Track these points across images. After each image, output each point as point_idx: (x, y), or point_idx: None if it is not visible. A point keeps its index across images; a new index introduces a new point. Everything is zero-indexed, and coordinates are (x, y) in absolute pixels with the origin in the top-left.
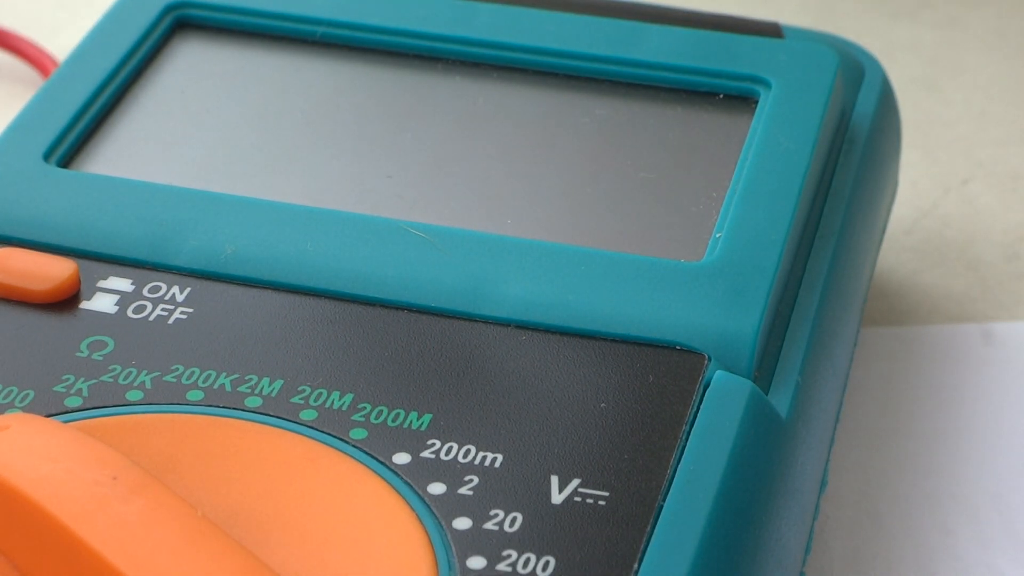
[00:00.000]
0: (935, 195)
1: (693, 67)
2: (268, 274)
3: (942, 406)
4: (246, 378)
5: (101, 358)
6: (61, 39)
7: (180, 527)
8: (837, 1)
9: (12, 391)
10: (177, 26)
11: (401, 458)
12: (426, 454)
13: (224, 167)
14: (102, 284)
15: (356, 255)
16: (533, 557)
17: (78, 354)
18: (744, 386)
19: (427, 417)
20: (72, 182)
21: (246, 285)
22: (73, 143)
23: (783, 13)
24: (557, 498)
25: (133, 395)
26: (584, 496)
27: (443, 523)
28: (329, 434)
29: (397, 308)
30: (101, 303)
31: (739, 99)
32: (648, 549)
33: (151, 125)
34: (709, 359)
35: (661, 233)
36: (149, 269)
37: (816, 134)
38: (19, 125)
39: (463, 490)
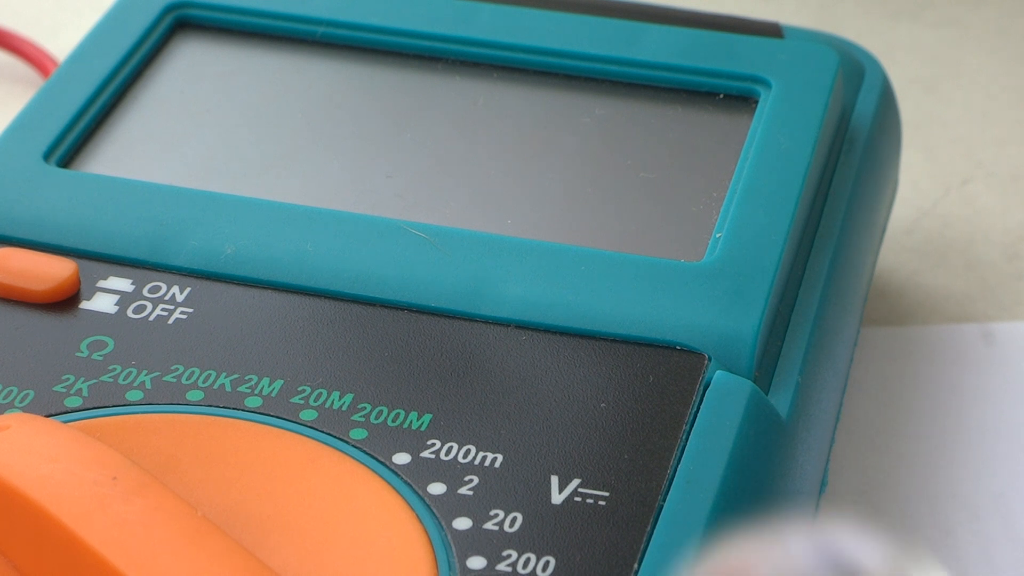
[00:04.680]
0: (935, 195)
1: (693, 67)
2: (268, 274)
3: (942, 406)
4: (246, 378)
5: (101, 358)
6: (61, 39)
7: (180, 527)
8: (837, 1)
9: (12, 391)
10: (177, 26)
11: (401, 458)
12: (426, 454)
13: (224, 167)
14: (102, 284)
15: (356, 255)
16: (533, 557)
17: (78, 354)
18: (744, 386)
19: (427, 417)
20: (72, 182)
21: (246, 285)
22: (73, 143)
23: (783, 13)
24: (557, 498)
25: (133, 395)
26: (584, 496)
27: (443, 523)
28: (329, 434)
29: (397, 308)
30: (101, 303)
31: (739, 99)
32: (648, 549)
33: (151, 125)
34: (709, 359)
35: (661, 233)
36: (149, 269)
37: (816, 134)
38: (19, 125)
39: (463, 490)
